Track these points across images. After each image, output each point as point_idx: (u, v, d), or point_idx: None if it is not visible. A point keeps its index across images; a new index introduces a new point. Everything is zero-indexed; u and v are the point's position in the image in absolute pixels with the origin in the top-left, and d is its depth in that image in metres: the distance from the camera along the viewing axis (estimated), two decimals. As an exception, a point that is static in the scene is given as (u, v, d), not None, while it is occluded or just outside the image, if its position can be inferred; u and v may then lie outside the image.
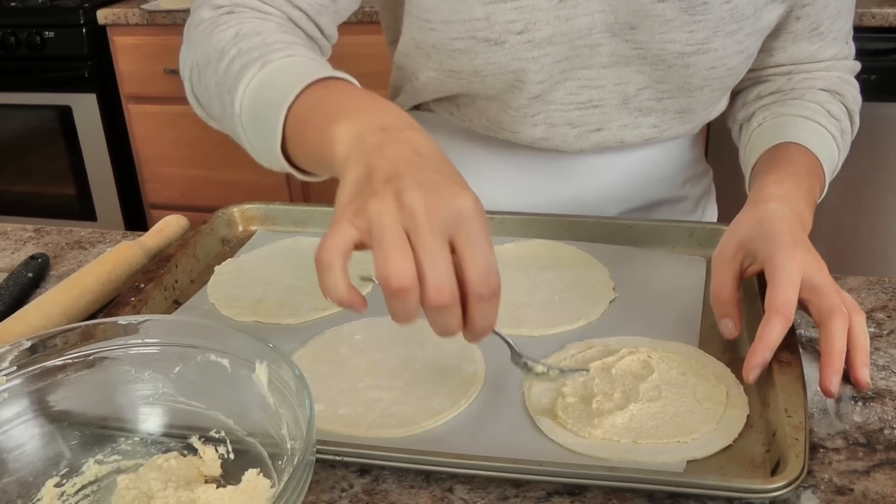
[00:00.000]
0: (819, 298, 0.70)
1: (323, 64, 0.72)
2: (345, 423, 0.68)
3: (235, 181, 2.49)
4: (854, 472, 0.62)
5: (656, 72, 0.88)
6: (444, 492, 0.62)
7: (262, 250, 0.95)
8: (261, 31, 0.76)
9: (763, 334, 0.68)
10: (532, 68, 0.86)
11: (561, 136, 0.93)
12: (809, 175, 0.84)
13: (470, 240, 0.54)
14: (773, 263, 0.70)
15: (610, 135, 0.93)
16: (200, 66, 0.79)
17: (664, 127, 0.95)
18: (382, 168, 0.56)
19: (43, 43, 2.39)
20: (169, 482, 0.61)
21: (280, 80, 0.69)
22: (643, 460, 0.62)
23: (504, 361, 0.74)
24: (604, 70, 0.89)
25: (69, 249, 1.04)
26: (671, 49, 0.85)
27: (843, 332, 0.68)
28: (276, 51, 0.72)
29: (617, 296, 0.83)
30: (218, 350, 0.63)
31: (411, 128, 0.60)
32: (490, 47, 0.85)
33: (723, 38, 0.85)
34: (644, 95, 0.91)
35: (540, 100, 0.90)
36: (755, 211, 0.77)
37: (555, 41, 0.85)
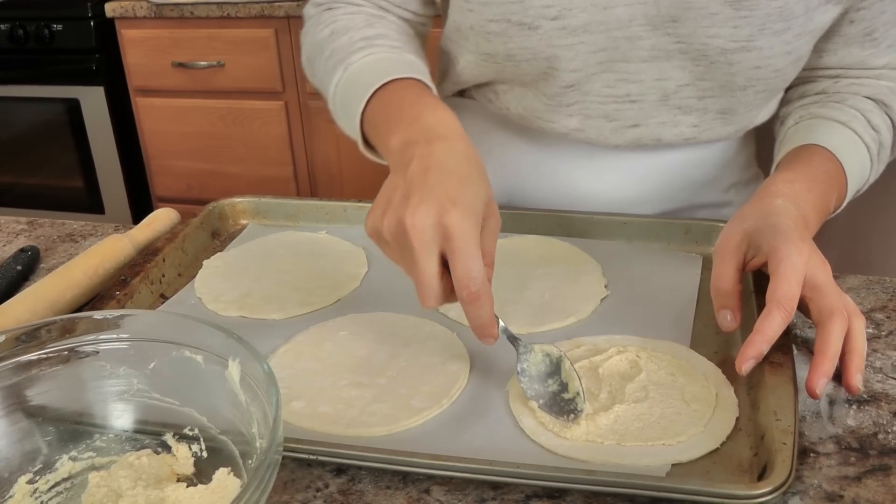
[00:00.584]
0: (820, 298, 0.68)
1: (393, 61, 0.83)
2: (324, 421, 0.67)
3: (243, 174, 2.49)
4: (845, 479, 0.60)
5: (698, 68, 0.85)
6: (420, 493, 0.61)
7: (251, 244, 0.94)
8: (350, 28, 0.88)
9: (762, 326, 0.65)
10: (565, 55, 0.84)
11: (596, 128, 0.90)
12: (827, 181, 0.81)
13: (451, 251, 0.63)
14: (778, 256, 0.68)
15: (647, 132, 0.90)
16: (310, 59, 0.94)
17: (705, 127, 0.90)
18: (400, 188, 0.66)
19: (51, 36, 2.39)
20: (139, 480, 0.60)
21: (356, 83, 0.82)
22: (626, 463, 0.61)
23: (490, 360, 0.73)
24: (643, 64, 0.86)
25: (60, 242, 1.03)
26: (714, 44, 0.82)
27: (840, 334, 0.66)
28: (357, 51, 0.85)
29: (609, 293, 0.82)
30: (192, 346, 0.62)
31: (443, 137, 0.70)
32: (524, 31, 0.83)
33: (769, 36, 0.81)
34: (684, 93, 0.88)
35: (575, 90, 0.88)
36: (761, 204, 0.75)
37: (590, 30, 0.83)
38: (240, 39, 2.32)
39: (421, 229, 0.63)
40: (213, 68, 2.37)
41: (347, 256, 0.90)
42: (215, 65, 2.36)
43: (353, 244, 0.92)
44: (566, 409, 0.65)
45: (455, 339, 0.76)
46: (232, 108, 2.42)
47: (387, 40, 0.87)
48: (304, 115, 2.38)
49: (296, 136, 2.42)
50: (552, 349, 0.69)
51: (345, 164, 2.41)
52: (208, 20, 2.31)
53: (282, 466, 0.64)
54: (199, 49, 2.36)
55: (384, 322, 0.79)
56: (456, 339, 0.76)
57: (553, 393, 0.67)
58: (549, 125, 0.92)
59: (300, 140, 2.42)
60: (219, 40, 2.34)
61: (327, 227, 0.97)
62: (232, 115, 2.43)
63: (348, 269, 0.88)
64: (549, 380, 0.68)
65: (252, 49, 2.32)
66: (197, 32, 2.34)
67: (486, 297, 0.64)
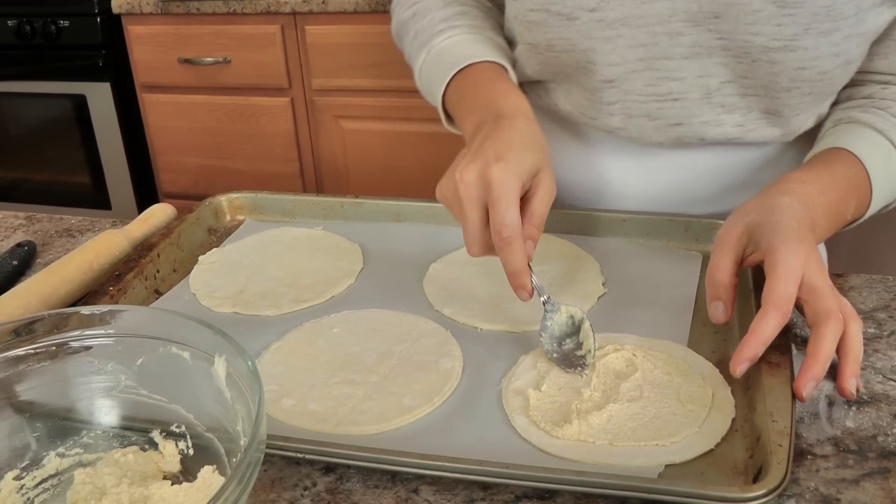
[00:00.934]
0: (816, 300, 0.66)
1: (472, 42, 0.89)
2: (314, 418, 0.66)
3: (249, 171, 2.48)
4: (842, 481, 0.59)
5: (740, 66, 0.82)
6: (409, 493, 0.60)
7: (247, 240, 0.93)
8: (430, 7, 0.94)
9: (758, 327, 0.64)
10: (603, 48, 0.83)
11: (638, 127, 0.89)
12: (846, 188, 0.79)
13: (490, 201, 0.69)
14: (776, 256, 0.67)
15: (690, 130, 0.88)
16: (398, 37, 1.01)
17: (749, 127, 0.87)
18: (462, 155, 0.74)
19: (58, 32, 2.38)
20: (124, 478, 0.59)
21: (437, 67, 0.89)
22: (618, 463, 0.60)
23: (484, 358, 0.72)
24: (684, 61, 0.84)
25: (57, 237, 1.02)
26: (756, 42, 0.79)
27: (833, 338, 0.64)
28: (438, 34, 0.91)
29: (606, 291, 0.80)
30: (179, 342, 0.61)
31: (509, 116, 0.76)
32: (562, 22, 0.83)
33: (815, 36, 0.78)
34: (727, 90, 0.85)
35: (616, 87, 0.86)
36: (767, 199, 0.73)
37: (629, 23, 0.82)
38: (246, 36, 2.31)
39: (468, 183, 0.70)
40: (220, 64, 2.37)
41: (343, 253, 0.89)
42: (221, 61, 2.36)
43: (349, 241, 0.91)
44: (575, 363, 0.70)
45: (449, 337, 0.75)
46: (238, 105, 2.41)
47: (466, 18, 0.92)
48: (310, 111, 2.37)
49: (302, 133, 2.41)
50: (576, 311, 0.72)
51: (350, 160, 2.40)
52: (214, 16, 2.31)
53: (270, 464, 0.64)
54: (206, 45, 2.36)
55: (378, 319, 0.78)
56: (450, 337, 0.75)
57: (568, 350, 0.71)
58: (593, 122, 0.91)
59: (306, 136, 2.41)
60: (225, 36, 2.33)
61: (324, 223, 0.96)
62: (238, 111, 2.42)
63: (344, 265, 0.87)
64: (568, 339, 0.72)
65: (258, 45, 2.32)
66: (203, 29, 2.34)
67: (519, 243, 0.68)
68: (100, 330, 0.64)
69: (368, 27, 2.21)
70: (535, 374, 0.69)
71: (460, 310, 0.78)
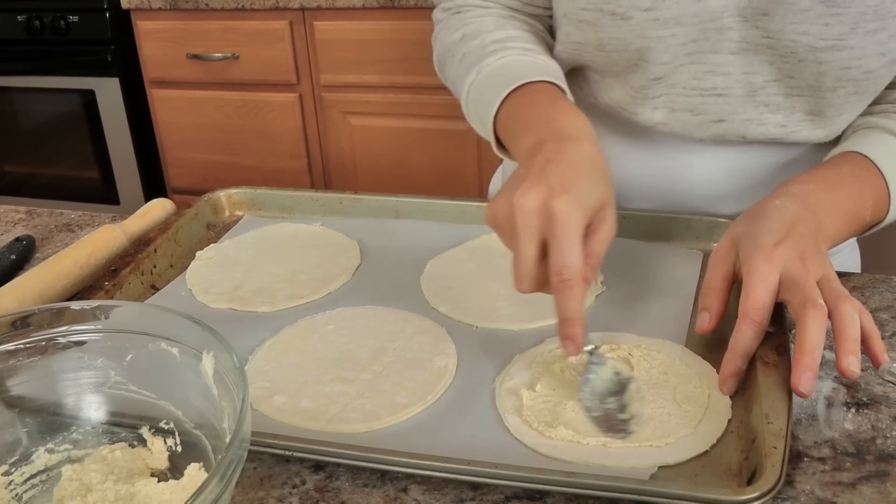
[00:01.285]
0: (795, 294, 0.65)
1: (527, 64, 0.84)
2: (306, 416, 0.66)
3: (258, 167, 2.48)
4: (839, 484, 0.58)
5: (786, 65, 0.82)
6: (398, 492, 0.59)
7: (245, 236, 0.93)
8: (481, 31, 0.89)
9: (732, 342, 0.65)
10: (657, 48, 0.82)
11: (681, 122, 0.88)
12: (856, 186, 0.78)
13: (552, 235, 0.64)
14: (747, 266, 0.67)
15: (732, 128, 0.87)
16: (441, 62, 0.95)
17: (792, 128, 0.86)
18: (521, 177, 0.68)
19: (67, 27, 2.39)
20: (110, 474, 0.59)
21: (489, 86, 0.83)
22: (610, 465, 0.59)
23: (479, 356, 0.71)
24: (731, 56, 0.83)
25: (57, 232, 1.02)
26: (803, 42, 0.78)
27: (816, 325, 0.62)
28: (490, 54, 0.86)
29: (604, 289, 0.80)
30: (168, 338, 0.61)
31: (573, 138, 0.71)
32: (616, 21, 0.82)
33: (862, 35, 0.77)
34: (771, 89, 0.84)
35: (662, 82, 0.85)
36: (758, 206, 0.73)
37: (683, 21, 0.80)
38: (254, 31, 2.31)
39: (527, 211, 0.64)
40: (228, 60, 2.36)
41: (341, 249, 0.89)
42: (230, 57, 2.35)
43: (347, 237, 0.91)
44: (616, 427, 0.62)
45: (444, 335, 0.74)
46: (246, 101, 2.41)
47: (519, 42, 0.87)
48: (318, 107, 2.37)
49: (310, 129, 2.41)
50: (624, 369, 0.67)
51: (359, 156, 2.39)
52: (223, 12, 2.31)
53: (259, 462, 0.63)
54: (214, 41, 2.35)
55: (373, 316, 0.77)
56: (445, 335, 0.74)
57: (610, 410, 0.64)
58: (634, 117, 0.90)
59: (314, 132, 2.41)
60: (233, 32, 2.33)
61: (323, 219, 0.95)
62: (246, 107, 2.42)
63: (341, 262, 0.86)
64: (611, 398, 0.65)
65: (267, 41, 2.31)
66: (211, 24, 2.33)
67: (579, 289, 0.63)
68: (90, 325, 0.63)
69: (377, 23, 2.20)
70: (530, 373, 0.68)
71: (456, 307, 0.78)
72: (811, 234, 0.70)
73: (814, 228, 0.71)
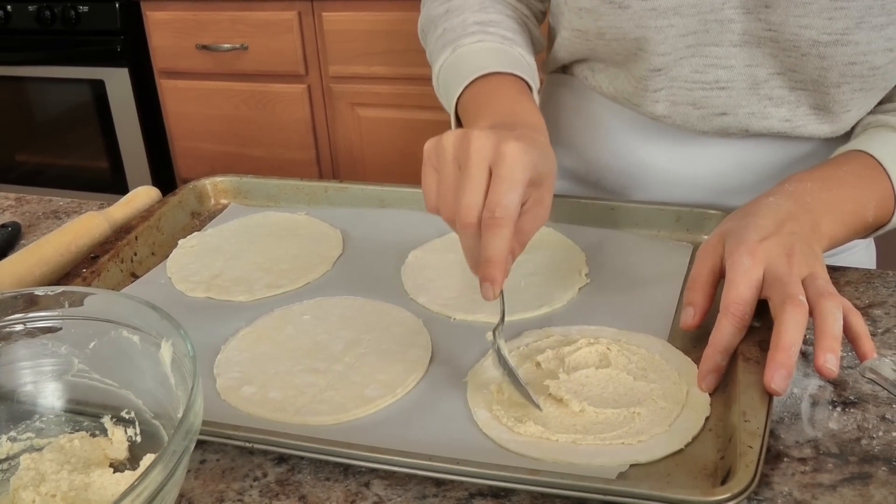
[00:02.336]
0: (776, 290, 0.63)
1: (503, 53, 0.84)
2: (272, 407, 0.64)
3: (266, 157, 2.47)
4: (819, 486, 0.56)
5: (789, 58, 0.79)
6: (360, 486, 0.57)
7: (229, 224, 0.91)
8: (464, 8, 0.89)
9: (712, 338, 0.63)
10: (655, 38, 0.81)
11: (683, 115, 0.86)
12: (858, 184, 0.75)
13: (497, 175, 0.62)
14: (730, 261, 0.65)
15: (735, 121, 0.85)
16: (424, 31, 0.96)
17: (797, 122, 0.84)
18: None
19: (77, 17, 2.38)
20: (66, 464, 0.57)
21: (462, 66, 0.84)
22: (579, 462, 0.57)
23: (453, 350, 0.70)
24: (734, 49, 0.81)
25: (44, 219, 1.01)
26: (806, 36, 0.76)
27: (794, 322, 0.60)
28: (469, 34, 0.86)
29: (588, 282, 0.77)
30: (130, 326, 0.59)
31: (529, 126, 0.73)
32: (614, 10, 0.81)
33: (868, 31, 0.74)
34: (775, 82, 0.82)
35: (663, 74, 0.84)
36: (752, 203, 0.72)
37: (682, 12, 0.79)
38: (263, 22, 2.30)
39: (482, 142, 0.62)
40: (237, 51, 2.35)
41: (324, 238, 0.87)
42: (239, 47, 2.34)
43: (331, 226, 0.89)
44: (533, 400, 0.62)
45: (420, 327, 0.72)
46: (255, 91, 2.40)
47: (499, 28, 0.87)
48: (326, 98, 2.36)
49: (318, 120, 2.39)
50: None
51: (367, 147, 2.38)
52: (232, 2, 2.30)
53: (224, 454, 0.62)
54: (223, 31, 2.34)
55: (351, 307, 0.76)
56: (421, 327, 0.72)
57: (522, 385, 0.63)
58: (637, 109, 0.89)
59: (323, 123, 2.39)
60: (242, 23, 2.32)
61: (308, 208, 0.93)
62: (255, 98, 2.41)
63: (322, 251, 0.85)
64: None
65: (275, 32, 2.30)
66: (220, 15, 2.32)
67: (508, 231, 0.61)
68: (54, 312, 0.62)
69: (385, 14, 2.18)
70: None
71: (435, 298, 0.76)
72: (802, 231, 0.68)
73: (807, 227, 0.69)
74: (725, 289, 0.64)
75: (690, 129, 0.87)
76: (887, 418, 0.61)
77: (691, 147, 0.90)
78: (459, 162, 0.63)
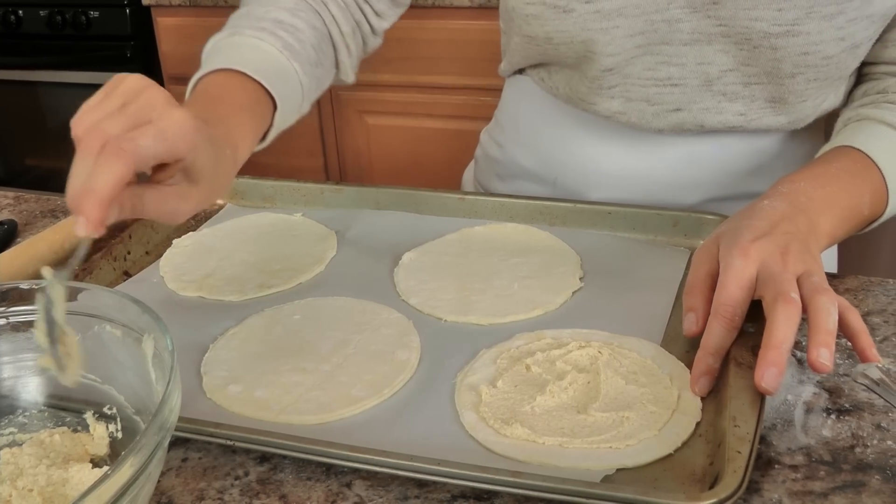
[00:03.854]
0: (768, 289, 0.62)
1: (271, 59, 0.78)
2: (257, 406, 0.63)
3: (274, 165, 2.45)
4: (809, 494, 0.55)
5: (741, 52, 0.80)
6: (341, 486, 0.57)
7: (224, 224, 0.91)
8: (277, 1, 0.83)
9: (703, 339, 0.62)
10: (601, 39, 0.81)
11: (638, 112, 0.86)
12: (851, 180, 0.75)
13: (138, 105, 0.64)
14: (724, 263, 0.65)
15: (689, 117, 0.85)
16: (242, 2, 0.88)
17: (752, 116, 0.84)
18: None
19: (88, 22, 2.39)
20: (45, 458, 0.57)
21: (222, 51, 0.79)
22: (565, 465, 0.56)
23: (443, 351, 0.69)
24: (684, 47, 0.81)
25: (41, 217, 1.01)
26: (757, 28, 0.77)
27: (784, 319, 0.59)
28: (256, 28, 0.80)
29: (582, 286, 0.76)
30: (113, 321, 0.59)
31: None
32: (559, 14, 0.81)
33: (818, 20, 0.75)
34: (729, 78, 0.82)
35: (615, 73, 0.84)
36: (747, 207, 0.71)
37: (626, 13, 0.79)
38: (272, 28, 2.30)
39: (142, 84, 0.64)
40: (246, 57, 2.36)
41: (318, 240, 0.86)
42: (248, 54, 2.35)
43: (326, 227, 0.89)
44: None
45: (410, 328, 0.71)
46: (264, 98, 2.40)
47: (290, 36, 0.80)
48: (334, 105, 2.35)
49: (326, 128, 2.39)
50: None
51: (375, 155, 2.37)
52: (242, 9, 2.30)
53: (206, 452, 0.61)
54: (233, 37, 2.35)
55: (341, 307, 0.75)
56: (411, 328, 0.71)
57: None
58: (592, 107, 0.89)
59: (331, 131, 2.39)
60: (252, 29, 2.32)
61: (304, 209, 0.93)
62: (264, 104, 2.41)
63: (316, 252, 0.84)
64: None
65: (284, 38, 2.30)
66: (231, 21, 2.33)
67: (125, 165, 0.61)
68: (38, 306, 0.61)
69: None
70: (494, 369, 0.65)
71: (427, 300, 0.75)
72: (798, 231, 0.67)
73: (803, 226, 0.68)
74: (717, 290, 0.64)
75: (646, 125, 0.87)
76: (883, 427, 0.60)
77: (646, 145, 0.90)
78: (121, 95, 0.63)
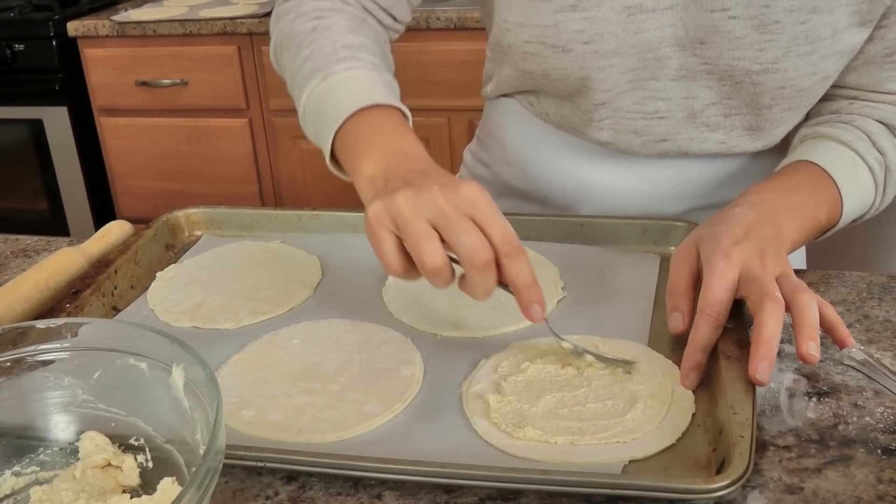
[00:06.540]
0: (752, 290, 0.67)
1: (375, 82, 0.81)
2: (275, 428, 0.65)
3: (209, 193, 2.46)
4: (805, 470, 0.60)
5: (724, 87, 0.86)
6: (372, 498, 0.59)
7: (205, 255, 0.93)
8: (333, 29, 0.85)
9: (691, 337, 0.67)
10: (598, 77, 0.86)
11: (626, 142, 0.92)
12: (810, 192, 0.81)
13: (484, 214, 0.64)
14: (707, 265, 0.70)
15: (674, 146, 0.91)
16: (281, 48, 0.90)
17: (732, 144, 0.91)
18: (398, 177, 0.68)
19: (13, 56, 2.36)
20: (82, 493, 0.58)
21: (335, 97, 0.80)
22: (579, 462, 0.59)
23: (444, 363, 0.72)
24: (671, 83, 0.87)
25: (13, 258, 1.01)
26: (739, 66, 0.83)
27: (772, 316, 0.64)
28: (339, 61, 0.82)
29: (565, 295, 0.81)
30: (136, 353, 0.60)
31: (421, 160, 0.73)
32: (557, 53, 0.85)
33: (794, 58, 0.81)
34: (711, 111, 0.88)
35: (606, 106, 0.89)
36: (718, 214, 0.76)
37: (622, 53, 0.84)
38: (203, 57, 2.31)
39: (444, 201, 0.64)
40: (177, 86, 2.35)
41: (302, 265, 0.89)
42: (179, 83, 2.34)
43: (307, 253, 0.91)
44: None
45: (409, 344, 0.74)
46: (196, 127, 2.40)
47: (368, 53, 0.84)
48: (268, 132, 2.37)
49: (261, 154, 2.40)
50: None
51: (310, 180, 2.39)
52: (171, 38, 2.30)
53: (231, 475, 0.63)
54: (163, 67, 2.34)
55: (337, 329, 0.78)
56: (410, 344, 0.74)
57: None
58: (581, 136, 0.94)
59: (265, 157, 2.40)
60: (182, 58, 2.32)
61: (282, 236, 0.95)
62: (196, 133, 2.41)
63: (302, 277, 0.86)
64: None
65: (215, 66, 2.31)
66: (160, 50, 2.33)
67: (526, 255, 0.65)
68: (56, 344, 0.62)
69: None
70: (496, 377, 0.69)
71: (420, 317, 0.78)
72: (768, 237, 0.73)
73: (771, 232, 0.74)
74: (703, 291, 0.68)
75: (633, 153, 0.93)
76: (859, 405, 0.65)
77: (632, 166, 0.95)
78: (427, 217, 0.64)
